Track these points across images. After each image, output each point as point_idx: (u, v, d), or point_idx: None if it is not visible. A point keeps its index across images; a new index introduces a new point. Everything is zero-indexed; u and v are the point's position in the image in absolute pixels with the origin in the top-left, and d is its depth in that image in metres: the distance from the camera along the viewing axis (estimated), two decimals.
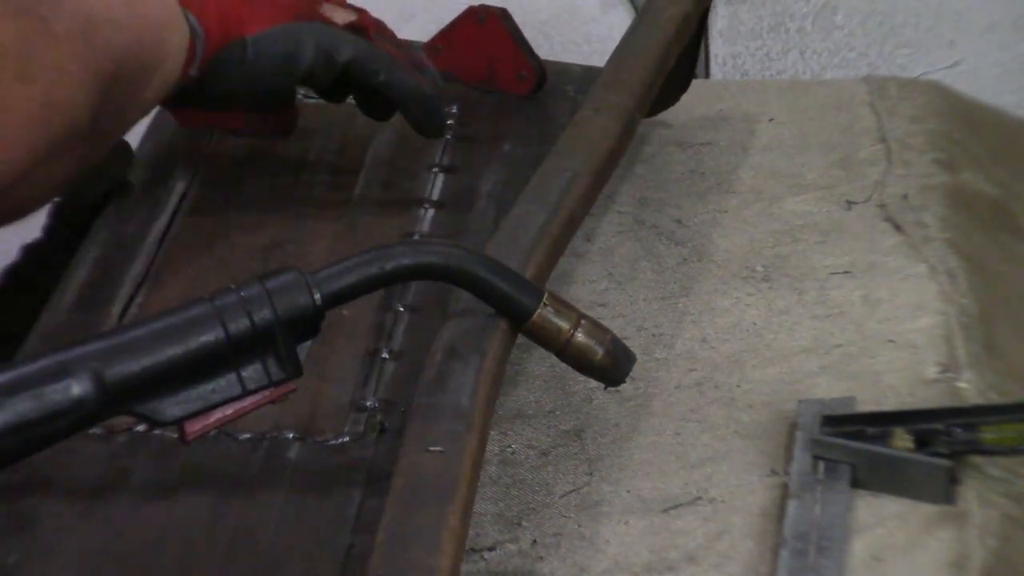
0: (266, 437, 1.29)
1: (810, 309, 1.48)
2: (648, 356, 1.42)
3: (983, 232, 1.61)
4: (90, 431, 1.25)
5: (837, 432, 1.27)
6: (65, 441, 1.15)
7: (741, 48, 2.57)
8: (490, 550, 1.23)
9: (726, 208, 1.64)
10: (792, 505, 1.22)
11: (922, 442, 1.25)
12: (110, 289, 1.46)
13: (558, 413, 1.37)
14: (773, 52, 2.57)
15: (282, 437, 1.29)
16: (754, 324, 1.46)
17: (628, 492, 1.27)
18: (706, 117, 1.81)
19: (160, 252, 1.52)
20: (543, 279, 1.31)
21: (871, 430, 1.26)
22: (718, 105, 1.85)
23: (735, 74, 2.56)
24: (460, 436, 1.13)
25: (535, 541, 1.23)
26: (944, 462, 1.23)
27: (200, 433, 1.15)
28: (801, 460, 1.26)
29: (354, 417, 1.32)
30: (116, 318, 1.43)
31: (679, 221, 1.62)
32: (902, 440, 1.25)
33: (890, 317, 1.45)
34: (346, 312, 1.43)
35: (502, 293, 1.20)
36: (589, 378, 1.24)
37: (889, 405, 1.33)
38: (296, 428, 1.30)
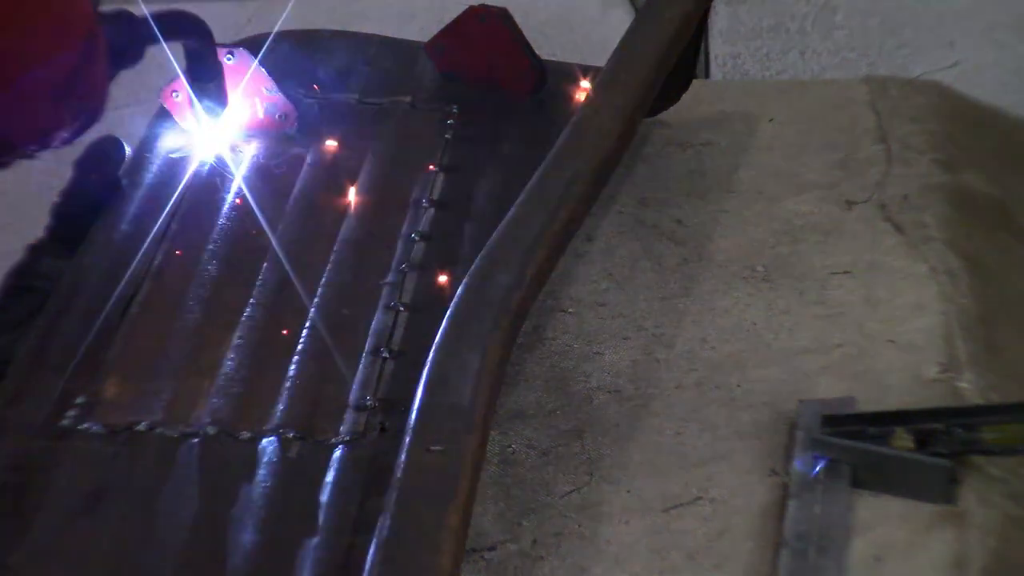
0: (266, 436, 1.29)
1: (810, 309, 1.48)
2: (648, 356, 1.42)
3: (983, 232, 1.61)
4: (90, 431, 1.26)
5: (837, 432, 1.27)
6: (65, 441, 1.15)
7: (741, 48, 2.57)
8: (490, 550, 1.23)
9: (726, 208, 1.64)
10: (792, 505, 1.22)
11: (922, 442, 1.25)
12: (111, 286, 1.47)
13: (558, 413, 1.37)
14: (773, 52, 2.57)
15: (283, 436, 1.30)
16: (754, 324, 1.46)
17: (628, 492, 1.27)
18: (706, 117, 1.81)
19: (160, 252, 1.52)
20: (543, 279, 1.32)
21: (871, 430, 1.26)
22: (718, 105, 1.85)
23: (735, 74, 2.56)
24: (460, 436, 1.13)
25: (535, 541, 1.23)
26: (944, 462, 1.23)
27: None
28: (801, 460, 1.27)
29: (354, 417, 1.32)
30: (117, 315, 1.44)
31: (679, 221, 1.62)
32: (902, 440, 1.25)
33: (890, 317, 1.45)
34: (346, 312, 1.43)
35: None
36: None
37: (889, 405, 1.33)
38: (296, 427, 1.31)
